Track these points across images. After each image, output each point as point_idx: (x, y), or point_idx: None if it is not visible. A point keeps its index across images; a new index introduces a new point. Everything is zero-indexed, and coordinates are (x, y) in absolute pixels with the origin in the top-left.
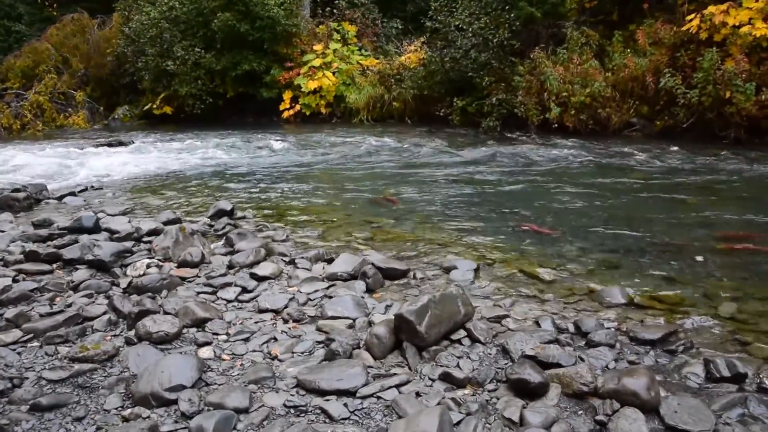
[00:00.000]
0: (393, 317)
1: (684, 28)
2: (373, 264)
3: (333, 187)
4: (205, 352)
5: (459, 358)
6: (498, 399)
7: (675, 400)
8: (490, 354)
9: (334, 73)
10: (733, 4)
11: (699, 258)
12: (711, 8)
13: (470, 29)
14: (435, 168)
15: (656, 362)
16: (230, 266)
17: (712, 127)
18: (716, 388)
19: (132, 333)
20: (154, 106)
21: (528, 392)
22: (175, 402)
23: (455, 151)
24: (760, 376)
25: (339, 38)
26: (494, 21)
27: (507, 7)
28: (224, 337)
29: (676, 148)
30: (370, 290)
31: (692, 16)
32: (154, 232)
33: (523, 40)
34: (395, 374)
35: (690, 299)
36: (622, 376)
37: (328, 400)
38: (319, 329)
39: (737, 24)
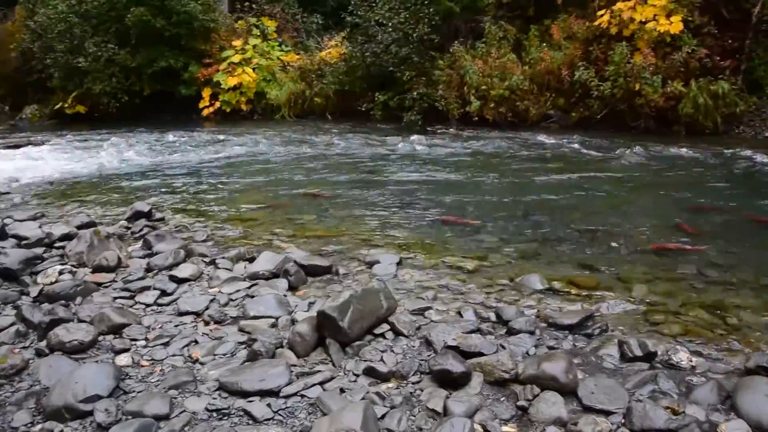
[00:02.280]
0: (315, 314)
1: (595, 23)
2: (295, 261)
3: (254, 184)
4: (123, 359)
5: (383, 352)
6: (422, 391)
7: (592, 382)
8: (414, 346)
9: (254, 69)
10: (640, 0)
11: (614, 244)
12: (620, 4)
13: (390, 24)
14: (357, 163)
15: (574, 346)
16: (149, 269)
17: (624, 117)
18: (630, 368)
19: (43, 344)
20: (66, 105)
21: (451, 382)
22: (90, 413)
23: (377, 145)
24: (669, 353)
25: (258, 33)
26: (414, 16)
27: (426, 2)
28: (143, 342)
29: (591, 139)
30: (292, 288)
31: (603, 11)
32: (67, 237)
33: (442, 34)
34: (319, 371)
35: (605, 284)
36: (542, 361)
37: (251, 401)
38: (241, 330)
39: (643, 20)
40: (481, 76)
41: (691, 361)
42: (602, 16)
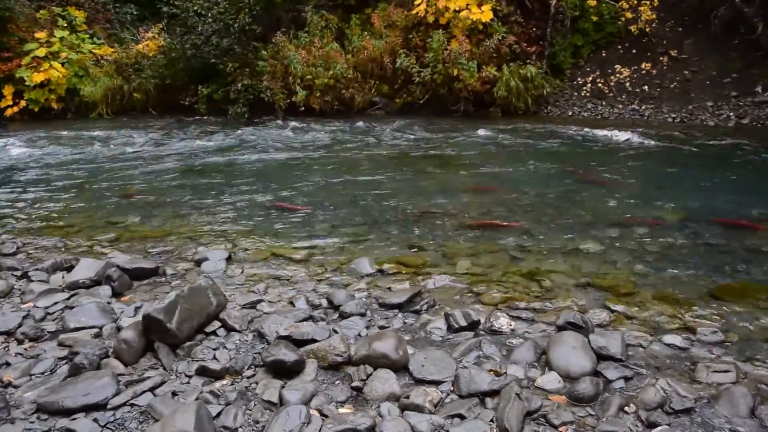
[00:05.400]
0: (141, 318)
1: (413, 12)
2: (118, 266)
3: (70, 189)
4: None
5: (215, 349)
6: (257, 384)
7: (422, 355)
8: (247, 341)
9: (63, 64)
10: None
11: (438, 223)
12: None
13: (210, 14)
14: (181, 159)
15: (404, 323)
16: None
17: (445, 101)
18: (456, 338)
19: None
20: None
21: (285, 372)
22: None
23: (203, 140)
24: (491, 320)
25: (65, 25)
26: (234, 6)
27: None
28: None
29: (414, 124)
30: (117, 294)
31: (420, 0)
32: None
33: (264, 24)
34: (149, 377)
35: (432, 261)
36: (372, 341)
37: (75, 418)
38: (61, 344)
39: (457, 9)
40: (305, 65)
41: (510, 325)
42: (419, 5)
